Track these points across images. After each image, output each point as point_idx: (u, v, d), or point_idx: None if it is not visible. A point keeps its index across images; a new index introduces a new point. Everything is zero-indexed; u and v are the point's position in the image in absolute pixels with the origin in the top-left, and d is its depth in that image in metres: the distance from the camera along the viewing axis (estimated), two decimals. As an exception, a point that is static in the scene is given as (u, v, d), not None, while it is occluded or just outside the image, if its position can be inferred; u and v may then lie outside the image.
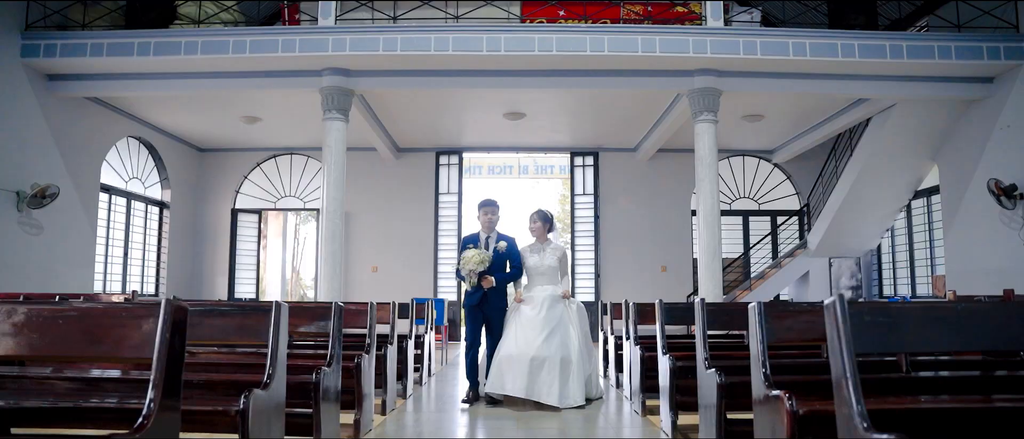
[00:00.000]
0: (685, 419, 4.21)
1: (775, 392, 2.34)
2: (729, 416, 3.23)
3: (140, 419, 1.68)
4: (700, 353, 3.41)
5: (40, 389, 2.96)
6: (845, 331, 1.78)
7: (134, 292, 10.12)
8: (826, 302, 1.88)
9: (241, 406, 2.28)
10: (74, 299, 6.95)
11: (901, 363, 3.33)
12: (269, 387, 2.49)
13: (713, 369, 3.20)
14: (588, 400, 5.52)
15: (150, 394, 1.71)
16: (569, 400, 5.28)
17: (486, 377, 5.56)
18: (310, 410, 3.19)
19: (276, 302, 2.70)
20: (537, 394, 5.24)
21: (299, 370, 3.25)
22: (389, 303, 5.48)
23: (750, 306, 2.61)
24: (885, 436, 1.54)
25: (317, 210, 13.66)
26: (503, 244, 5.79)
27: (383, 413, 4.93)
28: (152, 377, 1.73)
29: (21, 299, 5.49)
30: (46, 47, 8.66)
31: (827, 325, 1.85)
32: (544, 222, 5.93)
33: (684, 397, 3.92)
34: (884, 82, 8.89)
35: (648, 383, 4.78)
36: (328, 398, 3.29)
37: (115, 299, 8.14)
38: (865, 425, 1.65)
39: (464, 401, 5.57)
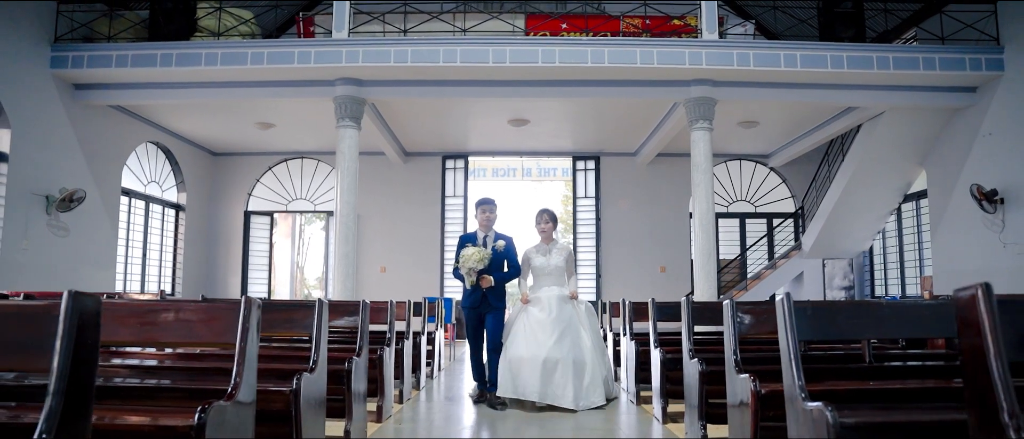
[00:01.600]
0: (675, 407, 4.64)
1: (743, 376, 2.77)
2: (711, 401, 3.66)
3: (230, 388, 2.12)
4: (685, 345, 3.86)
5: (114, 372, 3.39)
6: (790, 323, 2.21)
7: (163, 292, 10.57)
8: (776, 299, 2.31)
9: (294, 386, 2.72)
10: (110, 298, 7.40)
11: (864, 355, 3.77)
12: (314, 371, 2.93)
13: (696, 359, 3.64)
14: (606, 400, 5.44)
15: (235, 368, 2.15)
16: (586, 401, 5.16)
17: (490, 377, 5.51)
18: (342, 396, 3.63)
19: (319, 300, 3.14)
20: (553, 397, 5.12)
21: (330, 360, 3.68)
22: (405, 302, 5.91)
23: (724, 303, 3.04)
24: (816, 405, 1.97)
25: (326, 212, 14.14)
26: (501, 243, 5.63)
27: (400, 402, 5.38)
28: (236, 356, 2.17)
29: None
30: (74, 58, 9.12)
31: (778, 318, 2.28)
32: (554, 222, 5.79)
33: (673, 386, 4.35)
34: (872, 91, 9.31)
35: (642, 375, 5.22)
36: (357, 385, 3.73)
37: (144, 297, 8.57)
38: (803, 396, 2.07)
39: (477, 402, 5.55)
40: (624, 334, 5.84)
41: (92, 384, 1.46)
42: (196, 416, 1.91)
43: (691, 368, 3.72)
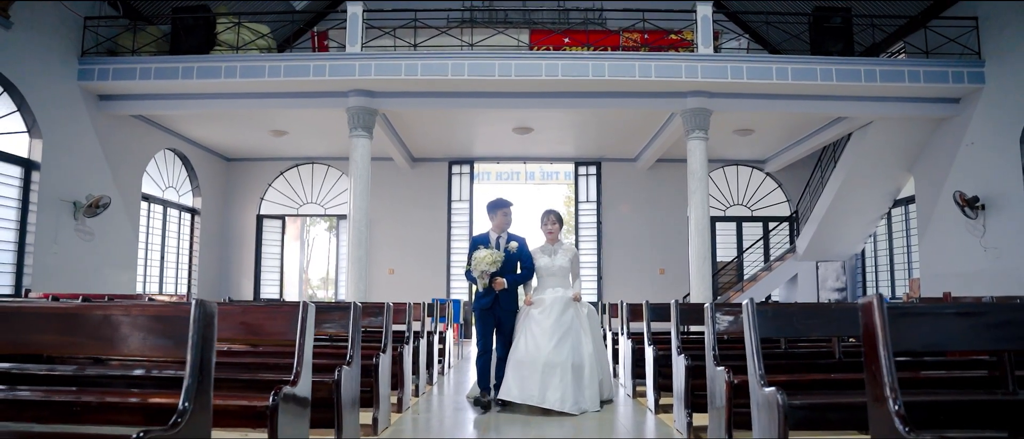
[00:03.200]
0: (666, 399, 5.09)
1: (720, 368, 3.23)
2: (697, 392, 4.12)
3: (292, 377, 2.59)
4: (674, 343, 4.32)
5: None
6: (752, 322, 2.67)
7: (189, 293, 11.03)
8: (743, 303, 2.77)
9: (336, 377, 3.18)
10: (134, 299, 7.89)
11: (834, 350, 4.23)
12: (351, 365, 3.40)
13: (683, 355, 4.10)
14: (601, 403, 5.47)
15: (296, 360, 2.62)
16: (583, 406, 5.21)
17: (497, 381, 5.49)
18: (369, 388, 4.10)
19: (353, 303, 3.61)
20: (550, 401, 5.14)
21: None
22: (421, 304, 6.37)
23: (705, 305, 3.50)
24: (770, 389, 2.43)
25: (336, 216, 14.63)
26: (514, 244, 5.59)
27: (416, 395, 5.85)
28: (296, 351, 2.63)
29: (106, 299, 6.41)
30: (100, 71, 9.60)
31: (743, 318, 2.74)
32: (560, 223, 5.76)
33: (665, 380, 4.82)
34: (861, 102, 9.76)
35: (638, 370, 5.69)
36: (382, 378, 4.20)
37: (165, 299, 9.07)
38: (761, 382, 2.53)
39: (479, 407, 5.47)
40: (621, 333, 6.30)
41: (212, 369, 1.92)
42: (271, 398, 2.37)
43: (679, 363, 4.19)
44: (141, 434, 1.56)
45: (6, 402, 2.27)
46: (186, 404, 1.75)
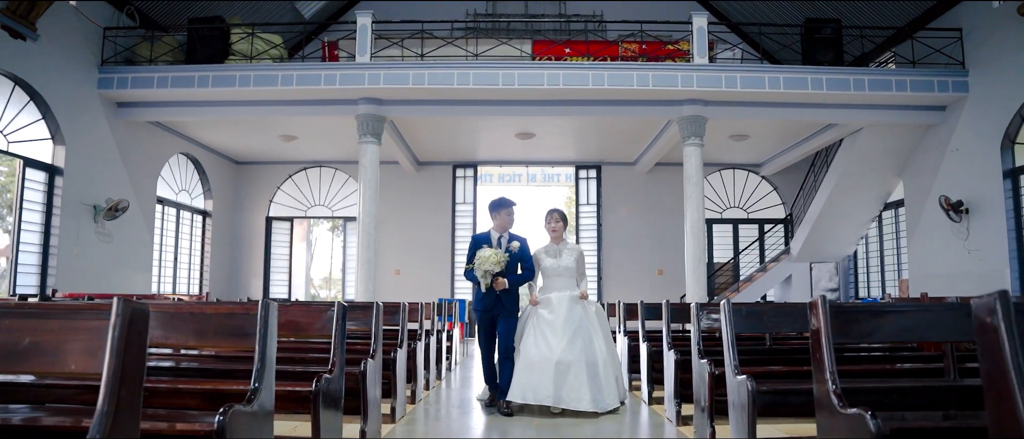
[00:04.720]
0: (660, 393, 5.49)
1: (703, 361, 3.63)
2: (685, 385, 4.51)
3: (329, 366, 2.98)
4: (665, 339, 4.72)
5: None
6: (729, 319, 3.06)
7: (207, 294, 11.43)
8: (721, 303, 3.17)
9: (362, 368, 3.58)
10: (149, 299, 8.30)
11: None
12: (374, 358, 3.80)
13: (672, 350, 4.50)
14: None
15: (332, 352, 3.01)
16: (603, 403, 5.05)
17: (501, 383, 5.37)
18: (388, 380, 4.49)
19: (376, 303, 4.01)
20: (567, 401, 4.99)
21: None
22: (431, 303, 6.76)
23: (691, 305, 3.89)
24: (742, 378, 2.82)
25: (343, 218, 15.02)
26: (516, 244, 5.47)
27: (427, 389, 6.25)
28: (332, 346, 3.03)
29: (136, 298, 6.81)
30: (119, 80, 10.01)
31: (721, 316, 3.13)
32: (564, 222, 5.65)
33: (658, 375, 5.21)
34: (850, 110, 10.15)
35: (633, 366, 6.09)
36: (398, 371, 4.60)
37: (185, 298, 9.46)
38: (736, 371, 2.93)
39: (488, 407, 5.46)
40: (619, 332, 6.70)
41: (273, 357, 2.31)
42: (313, 384, 2.77)
43: (669, 358, 4.58)
44: (226, 408, 1.95)
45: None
46: (256, 384, 2.15)
